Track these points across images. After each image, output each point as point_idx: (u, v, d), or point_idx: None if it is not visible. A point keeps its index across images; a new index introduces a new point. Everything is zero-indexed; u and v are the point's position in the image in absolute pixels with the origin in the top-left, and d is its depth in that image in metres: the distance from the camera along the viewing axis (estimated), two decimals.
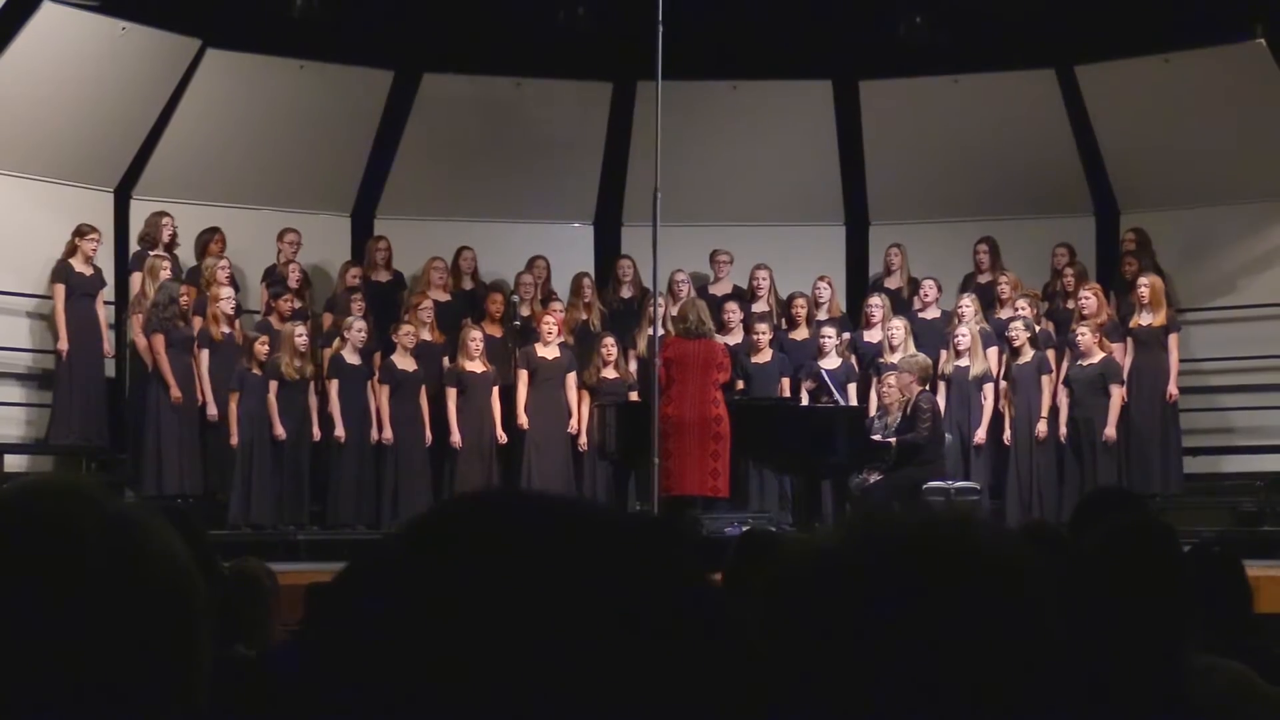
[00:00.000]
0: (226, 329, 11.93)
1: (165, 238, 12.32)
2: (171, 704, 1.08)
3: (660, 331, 10.68)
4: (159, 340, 11.48)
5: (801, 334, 12.76)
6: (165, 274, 11.82)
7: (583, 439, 12.20)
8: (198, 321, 11.84)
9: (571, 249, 13.86)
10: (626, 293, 13.28)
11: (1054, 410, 11.94)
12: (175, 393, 11.46)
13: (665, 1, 9.82)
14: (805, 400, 12.15)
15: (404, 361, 12.05)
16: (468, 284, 13.21)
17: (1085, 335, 11.77)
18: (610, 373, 12.22)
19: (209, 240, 12.61)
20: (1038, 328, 12.26)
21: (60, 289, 11.81)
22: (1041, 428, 11.88)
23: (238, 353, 11.83)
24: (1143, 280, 12.10)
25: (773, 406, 11.79)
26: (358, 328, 11.97)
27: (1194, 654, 2.37)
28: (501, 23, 13.05)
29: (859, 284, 13.90)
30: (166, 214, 12.44)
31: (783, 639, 1.13)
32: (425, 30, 13.16)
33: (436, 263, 12.90)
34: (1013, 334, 12.03)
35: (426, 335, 12.29)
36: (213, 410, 11.70)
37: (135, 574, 1.07)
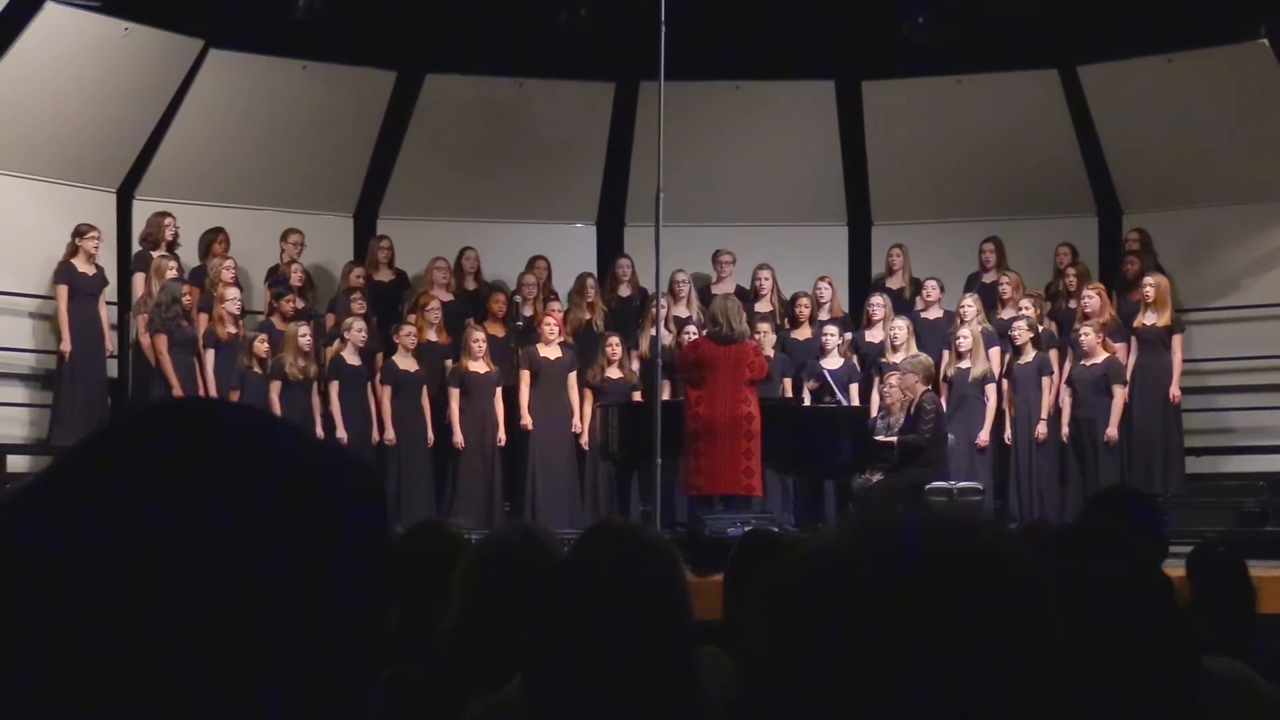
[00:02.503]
0: (233, 329, 11.93)
1: (167, 238, 12.32)
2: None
3: (663, 332, 10.65)
4: (162, 340, 11.48)
5: (803, 334, 12.75)
6: (171, 274, 11.82)
7: (585, 438, 12.19)
8: (201, 321, 11.84)
9: (574, 249, 13.86)
10: (625, 291, 13.28)
11: (1056, 411, 11.94)
12: (178, 393, 11.45)
13: (667, 2, 9.82)
14: (807, 400, 12.15)
15: (405, 362, 12.03)
16: (470, 284, 13.21)
17: (1088, 335, 11.76)
18: (614, 372, 12.22)
19: (212, 240, 12.61)
20: (1040, 327, 12.25)
21: (63, 290, 11.80)
22: (1041, 429, 11.87)
23: (240, 352, 11.83)
24: (1148, 280, 12.07)
25: (775, 407, 11.78)
26: (357, 327, 11.95)
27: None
28: (504, 23, 13.05)
29: (861, 284, 13.89)
30: (168, 214, 12.44)
31: (784, 640, 1.13)
32: (428, 31, 13.16)
33: (439, 263, 12.90)
34: (1015, 333, 12.02)
35: (432, 335, 12.28)
36: None
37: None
